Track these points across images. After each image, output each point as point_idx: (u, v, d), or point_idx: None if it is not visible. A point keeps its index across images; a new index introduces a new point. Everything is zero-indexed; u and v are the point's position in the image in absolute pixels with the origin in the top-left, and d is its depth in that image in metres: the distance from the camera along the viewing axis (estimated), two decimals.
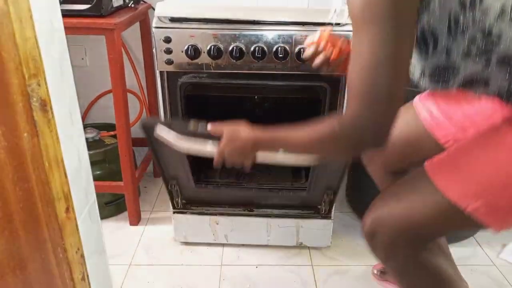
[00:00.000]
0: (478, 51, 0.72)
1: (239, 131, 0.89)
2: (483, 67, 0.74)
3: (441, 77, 0.79)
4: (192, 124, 1.03)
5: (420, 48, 0.77)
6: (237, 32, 1.30)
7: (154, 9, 1.37)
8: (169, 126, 1.04)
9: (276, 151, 0.87)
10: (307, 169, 1.56)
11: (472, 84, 0.78)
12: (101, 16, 1.45)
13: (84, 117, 2.02)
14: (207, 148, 0.97)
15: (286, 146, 0.84)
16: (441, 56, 0.75)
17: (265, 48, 1.30)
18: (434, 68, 0.78)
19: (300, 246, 1.66)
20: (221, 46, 1.30)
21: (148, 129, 1.14)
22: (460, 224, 0.88)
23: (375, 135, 0.73)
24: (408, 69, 0.72)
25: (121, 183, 1.69)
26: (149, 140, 1.19)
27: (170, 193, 1.53)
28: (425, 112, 1.06)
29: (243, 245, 1.67)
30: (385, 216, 0.90)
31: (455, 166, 0.85)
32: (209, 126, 0.94)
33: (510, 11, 0.67)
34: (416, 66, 0.82)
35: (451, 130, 1.01)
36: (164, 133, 1.03)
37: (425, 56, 0.77)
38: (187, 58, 1.32)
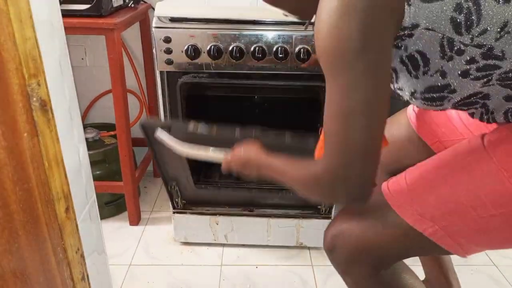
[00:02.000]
0: (478, 71, 0.66)
1: (249, 151, 0.90)
2: (482, 87, 0.68)
3: (436, 98, 0.72)
4: (192, 126, 1.02)
5: (408, 69, 0.70)
6: (237, 32, 1.30)
7: (154, 9, 1.37)
8: (169, 128, 1.04)
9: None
10: None
11: (469, 104, 0.73)
12: (101, 16, 1.45)
13: (84, 117, 2.02)
14: (208, 154, 0.97)
15: (279, 177, 0.83)
16: (434, 77, 0.68)
17: (265, 48, 1.30)
18: (427, 89, 0.71)
19: (300, 246, 1.65)
20: (221, 46, 1.30)
21: (148, 129, 1.14)
22: (422, 247, 0.82)
23: (349, 192, 0.69)
24: (386, 114, 0.66)
25: (121, 183, 1.69)
26: (149, 140, 1.19)
27: (170, 193, 1.53)
28: (413, 114, 1.05)
29: (243, 245, 1.67)
30: (346, 233, 0.85)
31: (413, 188, 0.80)
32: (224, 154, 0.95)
33: None
34: (404, 88, 0.74)
35: (438, 131, 0.99)
36: (164, 137, 1.03)
37: (415, 76, 0.70)
38: (187, 58, 1.32)
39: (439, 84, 0.69)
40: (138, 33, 1.83)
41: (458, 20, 0.61)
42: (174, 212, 1.60)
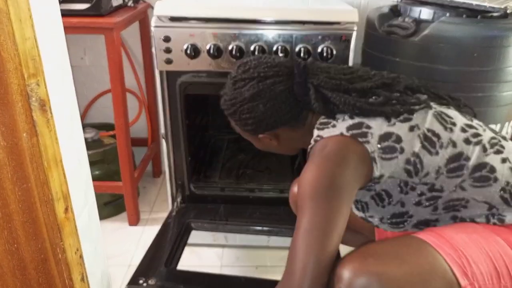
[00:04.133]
0: (427, 200, 0.85)
1: None
2: (432, 212, 0.87)
3: (399, 222, 0.92)
4: None
5: (376, 202, 0.90)
6: (237, 31, 1.29)
7: (153, 8, 1.36)
8: None
9: None
10: None
11: (424, 225, 0.89)
12: (100, 15, 1.44)
13: (83, 117, 2.02)
14: None
15: None
16: (396, 206, 0.88)
17: (265, 47, 1.30)
18: (391, 215, 0.91)
19: None
20: (221, 45, 1.30)
21: None
22: None
23: None
24: (337, 244, 0.78)
25: (120, 183, 1.69)
26: None
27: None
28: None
29: (242, 247, 1.67)
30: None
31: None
32: None
33: (445, 170, 0.83)
34: (374, 216, 0.95)
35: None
36: None
37: (381, 206, 0.90)
38: (187, 58, 1.31)
39: (400, 211, 0.89)
40: (138, 33, 1.82)
41: (409, 169, 0.83)
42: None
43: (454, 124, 0.88)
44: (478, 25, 1.29)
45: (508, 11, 1.33)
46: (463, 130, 0.87)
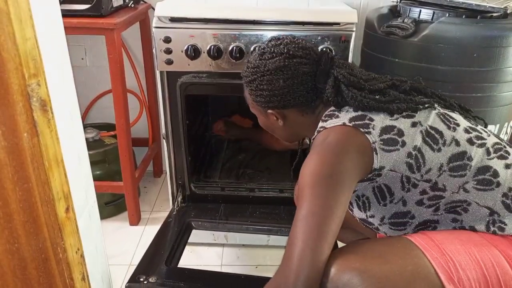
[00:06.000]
0: (429, 200, 0.85)
1: None
2: (433, 213, 0.86)
3: (399, 223, 0.90)
4: None
5: (378, 199, 0.88)
6: (237, 32, 1.30)
7: (154, 9, 1.37)
8: None
9: None
10: None
11: (424, 227, 0.89)
12: (101, 16, 1.45)
13: (84, 117, 2.02)
14: None
15: None
16: (397, 205, 0.88)
17: None
18: (393, 215, 0.90)
19: None
20: (221, 46, 1.30)
21: None
22: None
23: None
24: (335, 232, 0.77)
25: (121, 183, 1.69)
26: None
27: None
28: None
29: (243, 246, 1.67)
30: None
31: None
32: None
33: (447, 167, 0.83)
34: (375, 215, 0.92)
35: None
36: None
37: (383, 205, 0.89)
38: (187, 58, 1.32)
39: (402, 211, 0.88)
40: (138, 33, 1.83)
41: (411, 163, 0.82)
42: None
43: (457, 124, 0.89)
44: (478, 25, 1.29)
45: (508, 11, 1.33)
46: (467, 131, 0.88)
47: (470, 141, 0.86)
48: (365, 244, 0.84)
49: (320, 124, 0.91)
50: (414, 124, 0.85)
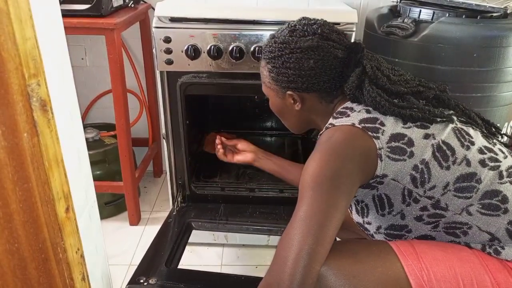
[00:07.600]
0: (429, 217, 0.83)
1: None
2: (431, 229, 0.84)
3: (395, 235, 0.89)
4: None
5: (376, 208, 0.87)
6: (237, 32, 1.30)
7: (154, 9, 1.37)
8: None
9: None
10: None
11: None
12: (101, 16, 1.45)
13: (84, 117, 2.02)
14: None
15: None
16: (396, 217, 0.86)
17: None
18: (389, 226, 0.88)
19: None
20: (221, 46, 1.30)
21: None
22: None
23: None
24: (333, 236, 0.76)
25: (121, 183, 1.69)
26: None
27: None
28: None
29: (243, 246, 1.67)
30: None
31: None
32: None
33: (453, 187, 0.80)
34: (372, 223, 0.91)
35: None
36: None
37: (381, 214, 0.87)
38: (187, 58, 1.32)
39: (399, 224, 0.86)
40: (138, 33, 1.83)
41: (415, 176, 0.80)
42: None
43: (472, 143, 0.84)
44: (478, 25, 1.29)
45: (508, 11, 1.33)
46: (481, 151, 0.84)
47: (482, 163, 0.82)
48: (344, 243, 0.85)
49: (330, 120, 0.88)
50: (426, 136, 0.82)
